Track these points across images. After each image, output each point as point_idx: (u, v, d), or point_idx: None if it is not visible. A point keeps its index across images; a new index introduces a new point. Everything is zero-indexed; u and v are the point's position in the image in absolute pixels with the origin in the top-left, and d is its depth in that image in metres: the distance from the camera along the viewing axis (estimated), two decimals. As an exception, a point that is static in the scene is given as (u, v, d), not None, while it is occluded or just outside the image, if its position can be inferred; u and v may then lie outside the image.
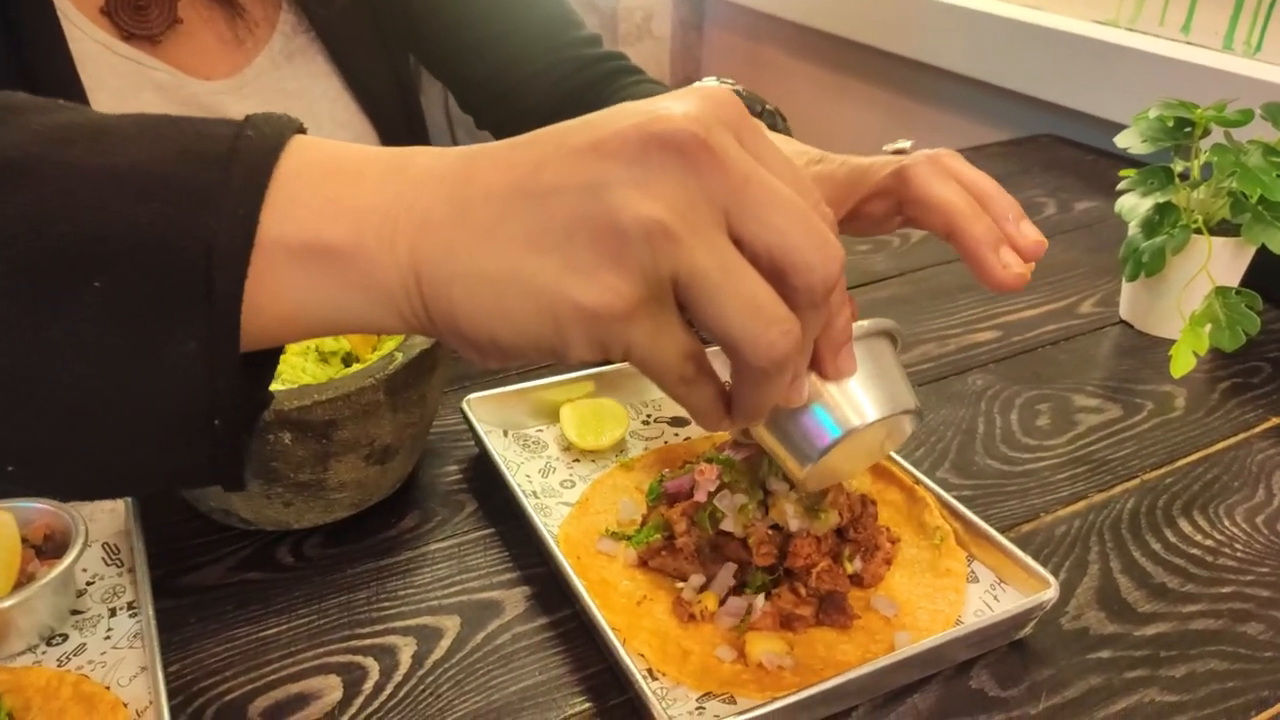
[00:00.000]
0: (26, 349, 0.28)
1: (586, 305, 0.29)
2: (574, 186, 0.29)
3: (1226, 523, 0.52)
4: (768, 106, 0.66)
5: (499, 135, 0.85)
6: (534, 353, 0.30)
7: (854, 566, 0.46)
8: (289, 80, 0.73)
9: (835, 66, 1.43)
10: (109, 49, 0.66)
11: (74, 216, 0.28)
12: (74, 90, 0.63)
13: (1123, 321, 0.73)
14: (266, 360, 0.32)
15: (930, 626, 0.44)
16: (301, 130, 0.31)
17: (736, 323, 0.29)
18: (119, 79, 0.66)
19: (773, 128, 0.65)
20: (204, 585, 0.47)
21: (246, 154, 0.29)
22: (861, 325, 0.40)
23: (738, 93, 0.64)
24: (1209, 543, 0.51)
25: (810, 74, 1.48)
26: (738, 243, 0.29)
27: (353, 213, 0.30)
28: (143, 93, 0.67)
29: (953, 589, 0.46)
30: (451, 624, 0.45)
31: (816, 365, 0.36)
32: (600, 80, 0.78)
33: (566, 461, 0.55)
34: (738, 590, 0.46)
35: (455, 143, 2.94)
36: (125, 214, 0.28)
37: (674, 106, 0.29)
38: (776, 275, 0.29)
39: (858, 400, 0.39)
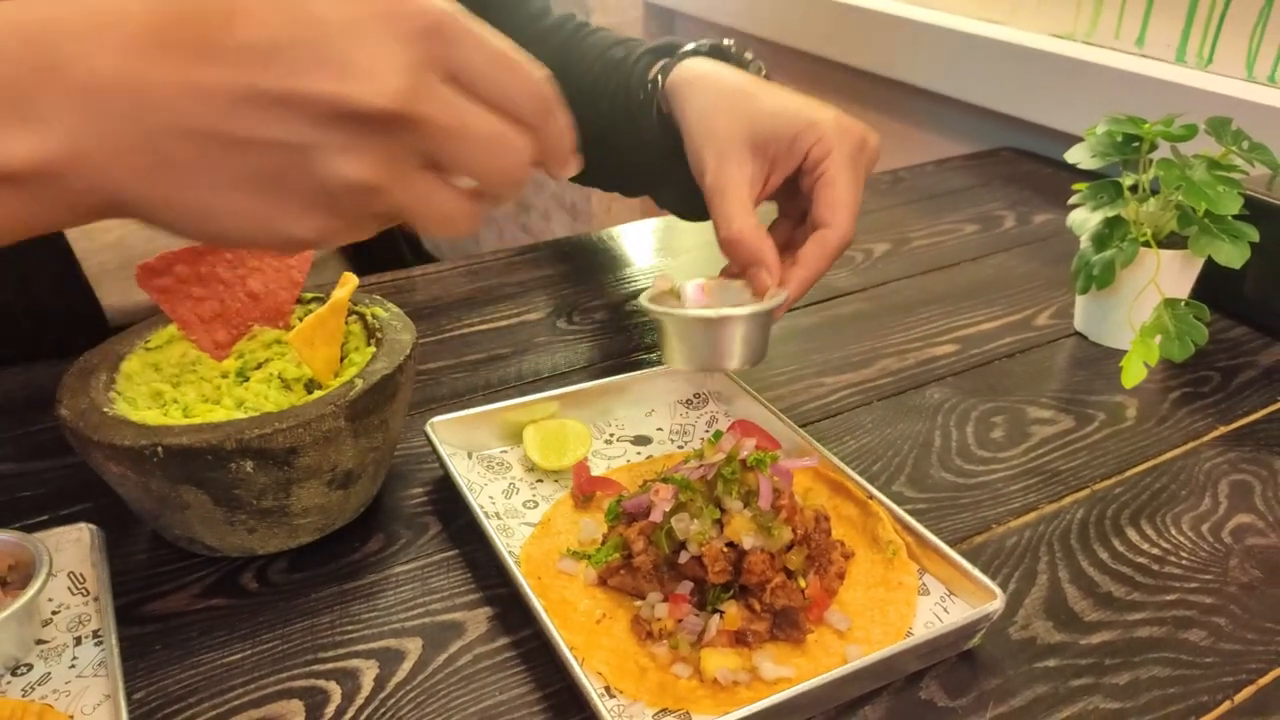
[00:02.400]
0: None
1: (300, 237, 0.32)
2: (275, 142, 0.30)
3: (1173, 531, 0.54)
4: (752, 56, 0.67)
5: None
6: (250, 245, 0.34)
7: (807, 582, 0.47)
8: None
9: (803, 82, 1.45)
10: None
11: None
12: None
13: (1077, 333, 0.74)
14: None
15: (882, 639, 0.46)
16: None
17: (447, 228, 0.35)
18: None
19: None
20: (169, 612, 0.47)
21: None
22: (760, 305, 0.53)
23: (727, 48, 0.66)
24: (1155, 551, 0.52)
25: (778, 88, 1.49)
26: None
27: (27, 118, 0.29)
28: None
29: (904, 601, 0.47)
30: (414, 646, 0.46)
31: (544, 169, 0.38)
32: (566, 44, 0.78)
33: (530, 482, 0.56)
34: (696, 607, 0.47)
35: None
36: None
37: (375, 67, 0.30)
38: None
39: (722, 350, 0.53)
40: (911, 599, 0.48)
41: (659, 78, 0.64)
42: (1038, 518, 0.55)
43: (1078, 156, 0.70)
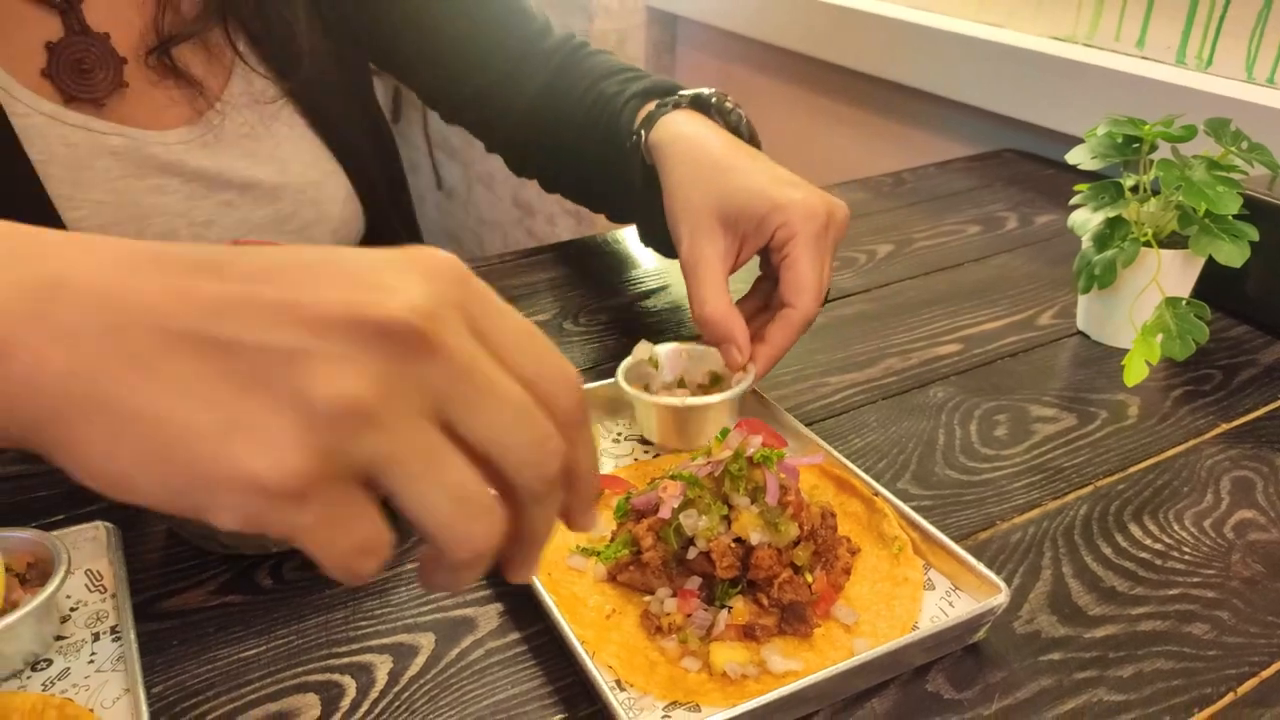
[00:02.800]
0: None
1: (250, 472, 0.25)
2: (261, 345, 0.26)
3: (1176, 527, 0.54)
4: (732, 105, 0.68)
5: (479, 135, 0.86)
6: (175, 508, 0.26)
7: (813, 577, 0.48)
8: (253, 122, 0.72)
9: (805, 85, 1.46)
10: (56, 119, 0.64)
11: None
12: (21, 167, 0.61)
13: (1080, 332, 0.75)
14: None
15: (888, 633, 0.46)
16: None
17: (434, 517, 0.27)
18: (70, 149, 0.64)
19: (735, 127, 0.67)
20: (185, 609, 0.48)
21: None
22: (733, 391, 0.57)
23: (709, 98, 0.67)
24: (1158, 546, 0.53)
25: (781, 92, 1.50)
26: (453, 434, 0.27)
27: None
28: (98, 160, 0.65)
29: (910, 597, 0.48)
30: (426, 641, 0.47)
31: (563, 517, 0.32)
32: (563, 66, 0.80)
33: (539, 480, 0.57)
34: (705, 602, 0.48)
35: (435, 167, 2.89)
36: None
37: (396, 286, 0.27)
38: (494, 471, 0.28)
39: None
40: (917, 594, 0.48)
41: (643, 131, 0.67)
42: (1041, 514, 0.55)
43: (1078, 158, 0.71)
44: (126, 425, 0.25)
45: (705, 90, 0.68)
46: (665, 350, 0.61)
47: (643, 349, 0.60)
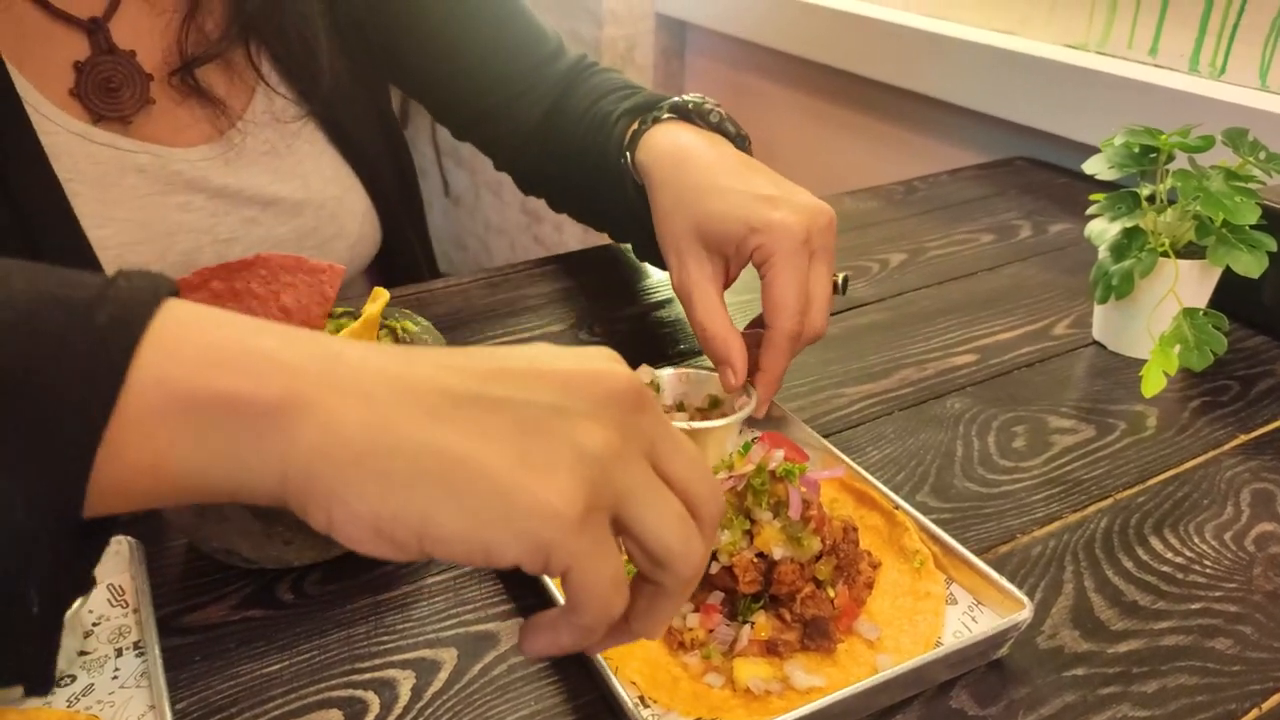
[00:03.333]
0: None
1: (545, 500, 0.29)
2: (530, 401, 0.30)
3: (1196, 540, 0.54)
4: (712, 106, 0.68)
5: (488, 153, 0.87)
6: (463, 545, 0.29)
7: (836, 592, 0.48)
8: (275, 140, 0.73)
9: (814, 92, 1.46)
10: (84, 138, 0.64)
11: None
12: (50, 185, 0.62)
13: (1096, 342, 0.75)
14: (96, 533, 0.29)
15: (911, 649, 0.46)
16: (175, 292, 0.30)
17: (669, 535, 0.32)
18: (97, 167, 0.65)
19: (718, 128, 0.67)
20: (208, 624, 0.48)
21: (117, 300, 0.28)
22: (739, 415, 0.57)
23: (687, 105, 0.67)
24: (1179, 560, 0.53)
25: (790, 99, 1.50)
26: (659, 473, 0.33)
27: (258, 362, 0.28)
28: (125, 178, 0.66)
29: (932, 611, 0.48)
30: (449, 656, 0.47)
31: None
32: (569, 87, 0.81)
33: (558, 493, 0.57)
34: (727, 617, 0.48)
35: (443, 174, 2.89)
36: None
37: (613, 365, 0.33)
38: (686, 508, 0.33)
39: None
40: (940, 609, 0.48)
41: (629, 152, 0.68)
42: (1061, 527, 0.55)
43: (1096, 167, 0.71)
44: (430, 466, 0.29)
45: (686, 97, 0.68)
46: (666, 375, 0.61)
47: (644, 373, 0.60)
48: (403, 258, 0.85)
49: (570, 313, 0.80)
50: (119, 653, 0.46)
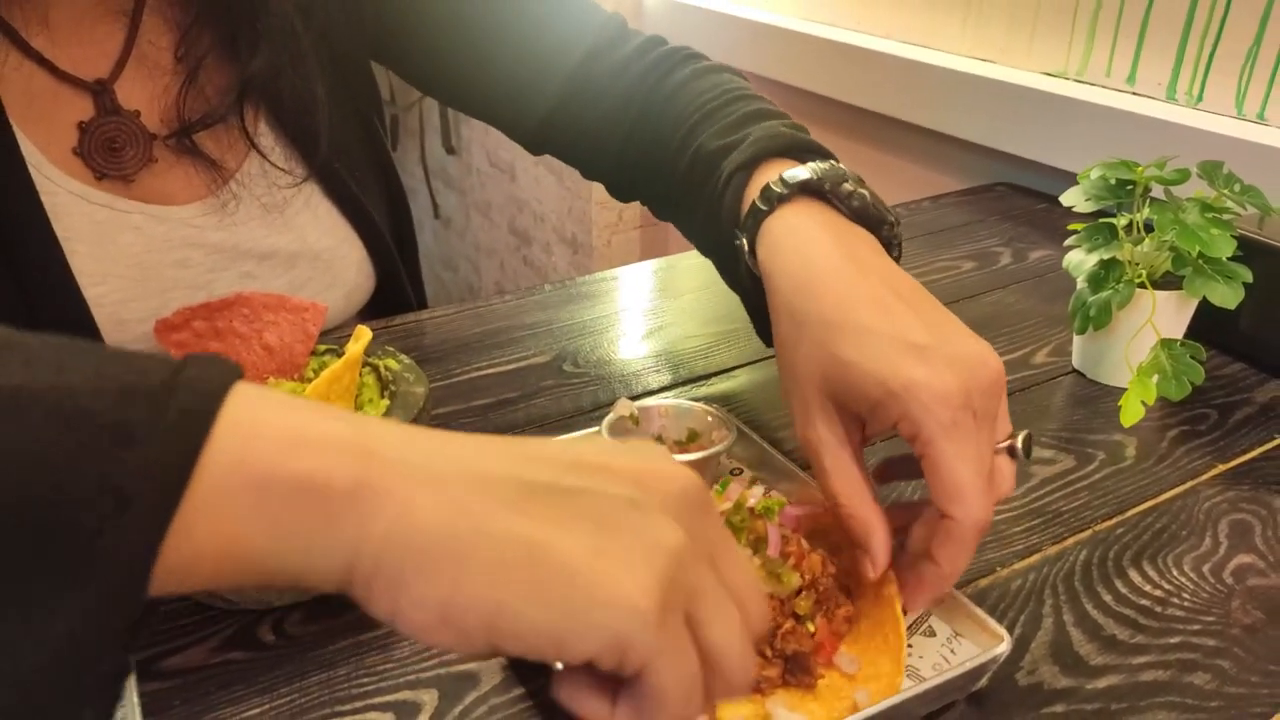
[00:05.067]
0: None
1: (624, 593, 0.28)
2: (605, 492, 0.30)
3: (1175, 572, 0.55)
4: (853, 185, 0.56)
5: (566, 159, 0.81)
6: (536, 638, 0.28)
7: (815, 626, 0.48)
8: (270, 195, 0.73)
9: (801, 118, 1.46)
10: (83, 199, 0.65)
11: None
12: (48, 243, 0.62)
13: (1075, 371, 0.75)
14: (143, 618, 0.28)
15: (891, 672, 0.46)
16: (241, 376, 0.29)
17: (733, 643, 0.32)
18: (95, 226, 0.65)
19: (861, 213, 0.55)
20: (188, 667, 0.48)
21: (187, 389, 0.27)
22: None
23: (822, 184, 0.55)
24: (1158, 593, 0.53)
25: (775, 124, 1.51)
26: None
27: (333, 446, 0.28)
28: (122, 236, 0.66)
29: (891, 618, 0.47)
30: (429, 698, 0.46)
31: None
32: (648, 78, 0.73)
33: (540, 529, 0.57)
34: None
35: (432, 195, 2.90)
36: (17, 447, 0.25)
37: (678, 467, 0.33)
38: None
39: None
40: (895, 610, 0.47)
41: (745, 239, 0.56)
42: (1041, 560, 0.56)
43: (1073, 200, 0.71)
44: (508, 554, 0.28)
45: (819, 169, 0.55)
46: (644, 407, 0.61)
47: (623, 406, 0.60)
48: (395, 297, 0.86)
49: (555, 344, 0.80)
50: (98, 697, 0.46)
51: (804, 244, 0.52)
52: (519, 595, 0.28)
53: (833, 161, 0.57)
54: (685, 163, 0.65)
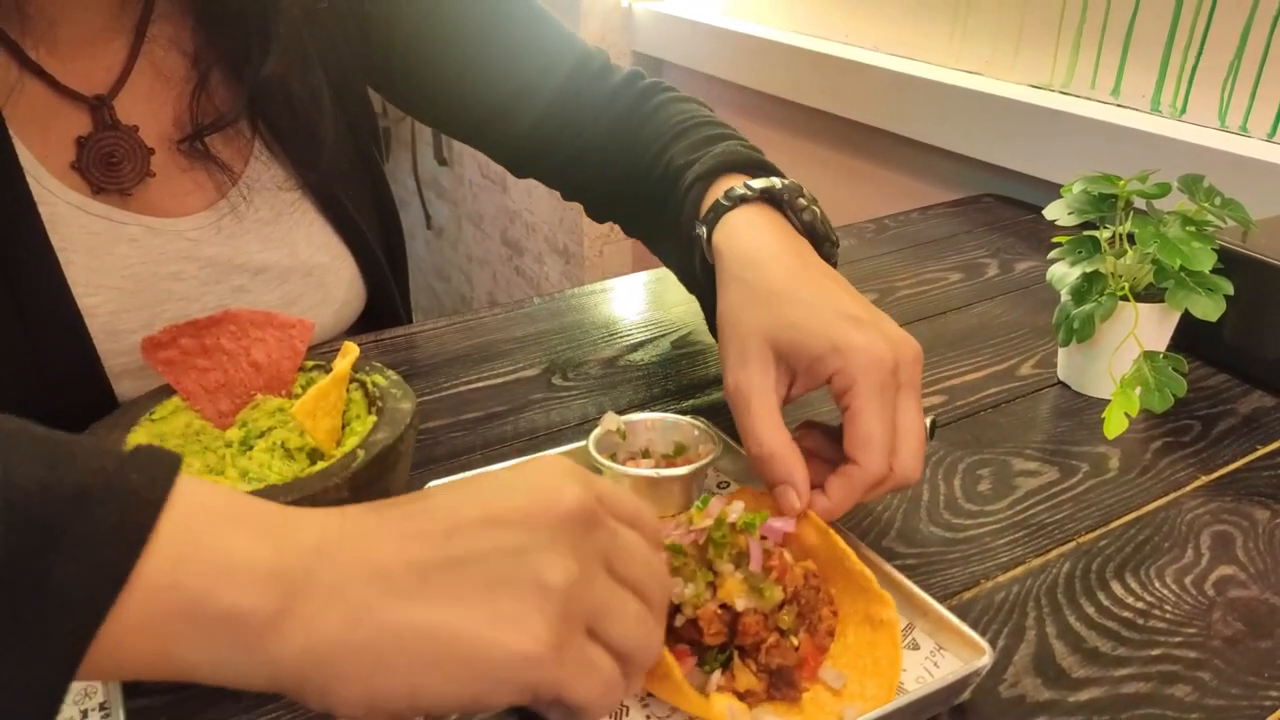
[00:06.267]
0: None
1: (517, 650, 0.32)
2: (491, 550, 0.33)
3: (1157, 584, 0.55)
4: (807, 202, 0.64)
5: (548, 182, 0.85)
6: (455, 704, 0.32)
7: (799, 640, 0.48)
8: (268, 207, 0.74)
9: (789, 129, 1.48)
10: (81, 209, 0.65)
11: None
12: (45, 254, 0.63)
13: (1060, 383, 0.76)
14: None
15: (876, 694, 0.46)
16: (177, 469, 0.32)
17: (632, 638, 0.37)
18: (92, 237, 0.66)
19: (809, 228, 0.63)
20: (174, 684, 0.48)
21: (124, 496, 0.29)
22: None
23: (781, 194, 0.63)
24: (1140, 605, 0.54)
25: (764, 136, 1.52)
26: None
27: (255, 577, 0.31)
28: (117, 248, 0.67)
29: (889, 641, 0.47)
30: (416, 714, 0.47)
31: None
32: (631, 107, 0.79)
33: (527, 544, 0.57)
34: (696, 667, 0.48)
35: (425, 205, 2.91)
36: None
37: (558, 485, 0.36)
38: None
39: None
40: (895, 636, 0.48)
41: (704, 229, 0.63)
42: (1025, 572, 0.56)
43: (1056, 213, 0.72)
44: (413, 644, 0.32)
45: (778, 182, 0.63)
46: (630, 421, 0.61)
47: (610, 420, 0.60)
48: (384, 313, 0.86)
49: (545, 357, 0.80)
50: (85, 715, 0.46)
51: (757, 233, 0.60)
52: (429, 678, 0.32)
53: (792, 180, 0.64)
54: (655, 178, 0.72)
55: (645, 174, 0.74)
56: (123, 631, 0.29)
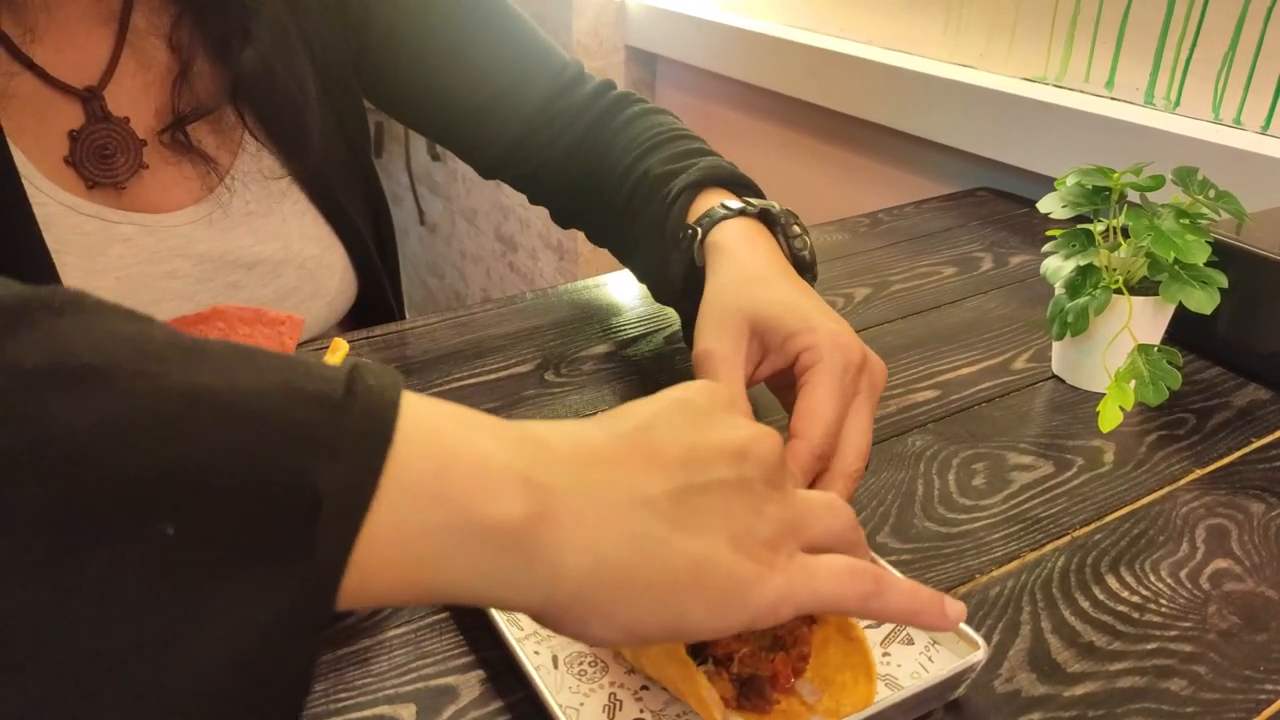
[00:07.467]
0: (48, 601, 0.22)
1: (768, 579, 0.34)
2: (725, 480, 0.35)
3: (1152, 578, 0.55)
4: (800, 230, 0.66)
5: (516, 186, 0.87)
6: (710, 632, 0.34)
7: (774, 656, 0.48)
8: (259, 199, 0.73)
9: (783, 123, 1.47)
10: (74, 210, 0.65)
11: (152, 444, 0.23)
12: (39, 255, 0.62)
13: (1055, 376, 0.76)
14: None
15: (854, 698, 0.46)
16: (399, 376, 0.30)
17: (835, 522, 0.39)
18: (85, 238, 0.65)
19: (796, 256, 0.64)
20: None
21: (365, 397, 0.27)
22: None
23: (778, 217, 0.65)
24: (1135, 599, 0.53)
25: (759, 131, 1.52)
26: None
27: (515, 483, 0.29)
28: (111, 248, 0.66)
29: (862, 663, 0.47)
30: (408, 713, 0.46)
31: None
32: (601, 118, 0.80)
33: (520, 540, 0.57)
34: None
35: (418, 201, 2.90)
36: (215, 445, 0.24)
37: (759, 427, 0.37)
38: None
39: None
40: (868, 658, 0.46)
41: (699, 229, 0.63)
42: (1019, 566, 0.56)
43: (1049, 206, 0.72)
44: (682, 575, 0.32)
45: (775, 206, 0.65)
46: None
47: None
48: (376, 305, 0.86)
49: (538, 353, 0.80)
50: (73, 715, 0.46)
51: (750, 241, 0.61)
52: (694, 606, 0.32)
53: (788, 212, 0.66)
54: (628, 188, 0.73)
55: (617, 185, 0.75)
56: (383, 542, 0.26)
